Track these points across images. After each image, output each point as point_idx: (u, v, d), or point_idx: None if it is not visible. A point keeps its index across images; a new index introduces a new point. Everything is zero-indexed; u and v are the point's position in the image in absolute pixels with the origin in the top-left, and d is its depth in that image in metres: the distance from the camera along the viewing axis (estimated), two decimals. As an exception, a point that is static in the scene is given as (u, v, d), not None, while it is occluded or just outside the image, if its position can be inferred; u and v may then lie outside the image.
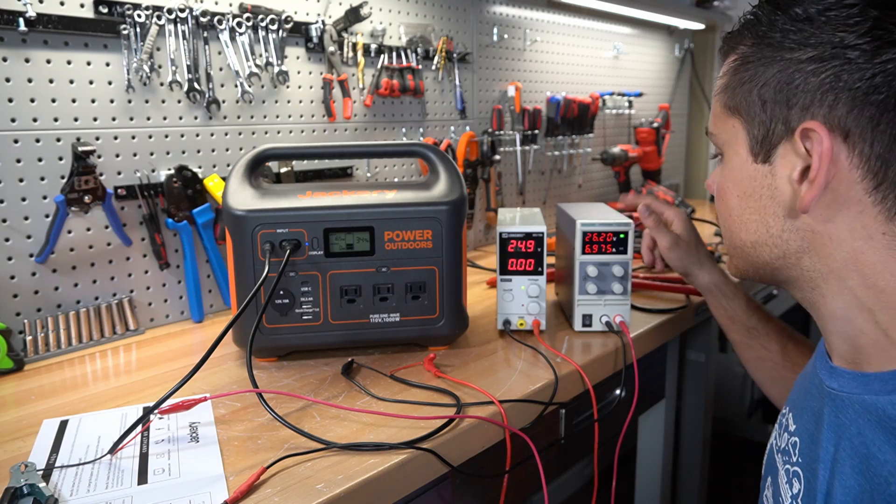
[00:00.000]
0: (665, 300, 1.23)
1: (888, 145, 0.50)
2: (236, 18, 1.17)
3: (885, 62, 0.49)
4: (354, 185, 1.02)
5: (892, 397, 0.51)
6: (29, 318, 1.00)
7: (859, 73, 0.50)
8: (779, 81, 0.54)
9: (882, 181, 0.51)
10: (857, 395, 0.54)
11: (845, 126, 0.51)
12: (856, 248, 0.53)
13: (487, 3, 1.71)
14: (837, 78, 0.50)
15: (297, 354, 0.96)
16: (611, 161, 2.12)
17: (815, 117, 0.52)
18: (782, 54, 0.54)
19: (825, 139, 0.51)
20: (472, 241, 1.75)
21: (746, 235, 0.61)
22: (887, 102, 0.49)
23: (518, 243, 1.01)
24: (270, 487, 0.63)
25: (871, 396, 0.53)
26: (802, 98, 0.53)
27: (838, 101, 0.51)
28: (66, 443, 0.73)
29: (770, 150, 0.57)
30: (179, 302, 1.18)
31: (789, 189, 0.56)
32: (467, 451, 0.76)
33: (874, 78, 0.49)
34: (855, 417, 0.54)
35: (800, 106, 0.53)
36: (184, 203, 1.13)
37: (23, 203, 0.99)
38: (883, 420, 0.51)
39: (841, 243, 0.54)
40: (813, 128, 0.52)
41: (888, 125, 0.49)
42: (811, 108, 0.52)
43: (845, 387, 0.56)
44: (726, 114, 0.60)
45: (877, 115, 0.50)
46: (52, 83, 1.00)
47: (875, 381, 0.53)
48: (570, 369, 0.91)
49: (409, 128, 1.54)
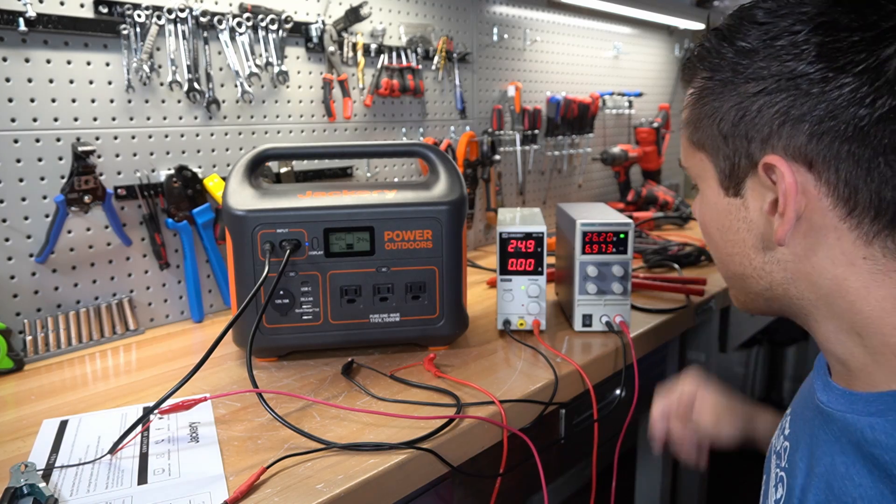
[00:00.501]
0: (665, 300, 1.23)
1: (853, 171, 0.48)
2: (236, 18, 1.17)
3: (837, 88, 0.47)
4: (354, 185, 1.02)
5: (872, 419, 0.50)
6: (29, 318, 1.00)
7: (812, 101, 0.48)
8: (735, 116, 0.53)
9: (855, 206, 0.49)
10: (841, 413, 0.54)
11: (807, 156, 0.50)
12: (838, 276, 0.52)
13: (487, 3, 1.71)
14: (791, 108, 0.49)
15: (297, 354, 0.96)
16: (611, 161, 2.12)
17: (775, 150, 0.51)
18: (735, 88, 0.53)
19: (787, 173, 0.50)
20: (472, 241, 1.75)
21: (734, 268, 0.60)
22: (846, 129, 0.48)
23: (518, 243, 1.01)
24: (270, 487, 0.63)
25: (854, 416, 0.52)
26: (760, 131, 0.52)
27: (796, 132, 0.50)
28: (66, 443, 0.73)
29: (739, 183, 0.56)
30: (179, 302, 1.18)
31: (764, 221, 0.54)
32: (467, 451, 0.76)
33: (828, 105, 0.48)
34: (838, 434, 0.54)
35: (759, 140, 0.52)
36: (184, 203, 1.13)
37: (23, 203, 0.99)
38: (860, 443, 0.50)
39: (823, 272, 0.53)
40: (773, 163, 0.51)
41: (850, 152, 0.48)
42: (770, 141, 0.51)
43: (833, 403, 0.56)
44: (693, 147, 0.59)
45: (836, 143, 0.48)
46: (52, 83, 1.00)
47: (859, 401, 0.53)
48: (570, 369, 0.91)
49: (409, 128, 1.54)
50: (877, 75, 0.46)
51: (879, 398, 0.51)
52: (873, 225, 0.49)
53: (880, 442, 0.49)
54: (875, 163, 0.47)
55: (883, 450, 0.48)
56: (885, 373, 0.51)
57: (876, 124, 0.47)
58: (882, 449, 0.49)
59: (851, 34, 0.47)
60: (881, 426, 0.49)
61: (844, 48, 0.47)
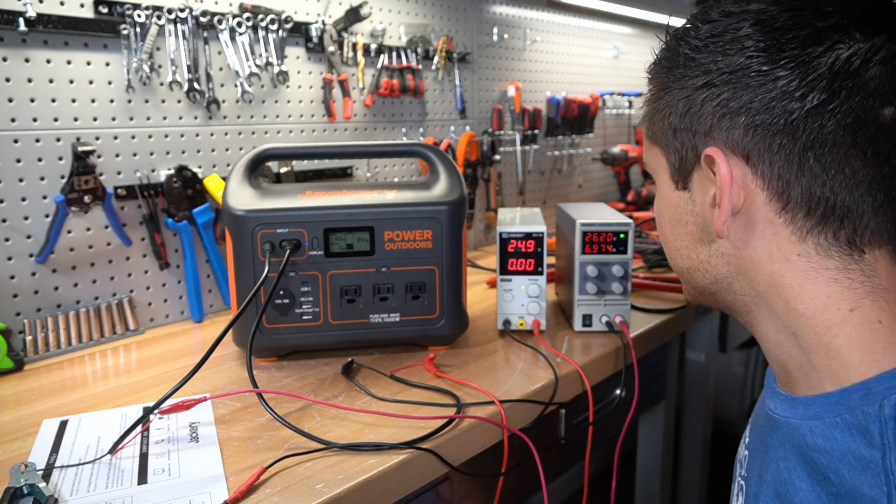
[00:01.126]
0: (665, 300, 1.23)
1: (785, 165, 0.49)
2: (236, 18, 1.17)
3: (773, 81, 0.48)
4: (354, 185, 1.02)
5: (812, 423, 0.51)
6: (29, 318, 1.00)
7: (749, 95, 0.50)
8: (682, 109, 0.55)
9: (788, 201, 0.50)
10: (785, 419, 0.55)
11: (745, 148, 0.51)
12: (774, 272, 0.53)
13: (487, 3, 1.71)
14: (731, 101, 0.51)
15: (297, 354, 0.96)
16: (611, 161, 2.12)
17: (715, 143, 0.52)
18: (684, 82, 0.55)
19: (722, 165, 0.51)
20: (472, 241, 1.75)
21: (682, 261, 0.61)
22: (778, 122, 0.49)
23: (518, 243, 1.01)
24: (270, 487, 0.63)
25: (795, 421, 0.53)
26: (703, 124, 0.53)
27: (734, 125, 0.51)
28: (66, 443, 0.73)
29: (686, 176, 0.57)
30: (179, 302, 1.18)
31: (708, 214, 0.56)
32: (467, 451, 0.76)
33: (763, 98, 0.49)
34: (782, 440, 0.54)
35: (702, 132, 0.53)
36: (184, 203, 1.13)
37: (23, 203, 0.99)
38: (801, 447, 0.51)
39: (761, 266, 0.54)
40: (711, 154, 0.52)
41: (781, 145, 0.49)
42: (711, 134, 0.53)
43: (778, 409, 0.56)
44: (650, 143, 0.61)
45: (770, 136, 0.49)
46: (52, 83, 1.00)
47: (800, 405, 0.53)
48: (570, 369, 0.91)
49: (409, 128, 1.54)
50: (808, 71, 0.47)
51: (816, 401, 0.52)
52: (806, 221, 0.50)
53: (818, 445, 0.49)
54: (804, 157, 0.49)
55: (820, 453, 0.49)
56: (819, 373, 0.52)
57: (805, 119, 0.48)
58: (819, 452, 0.49)
59: (788, 31, 0.48)
60: (819, 429, 0.50)
61: (781, 44, 0.49)
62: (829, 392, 0.51)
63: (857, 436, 0.47)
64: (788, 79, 0.48)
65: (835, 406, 0.50)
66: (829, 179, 0.48)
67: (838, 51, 0.47)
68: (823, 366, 0.52)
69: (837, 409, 0.50)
